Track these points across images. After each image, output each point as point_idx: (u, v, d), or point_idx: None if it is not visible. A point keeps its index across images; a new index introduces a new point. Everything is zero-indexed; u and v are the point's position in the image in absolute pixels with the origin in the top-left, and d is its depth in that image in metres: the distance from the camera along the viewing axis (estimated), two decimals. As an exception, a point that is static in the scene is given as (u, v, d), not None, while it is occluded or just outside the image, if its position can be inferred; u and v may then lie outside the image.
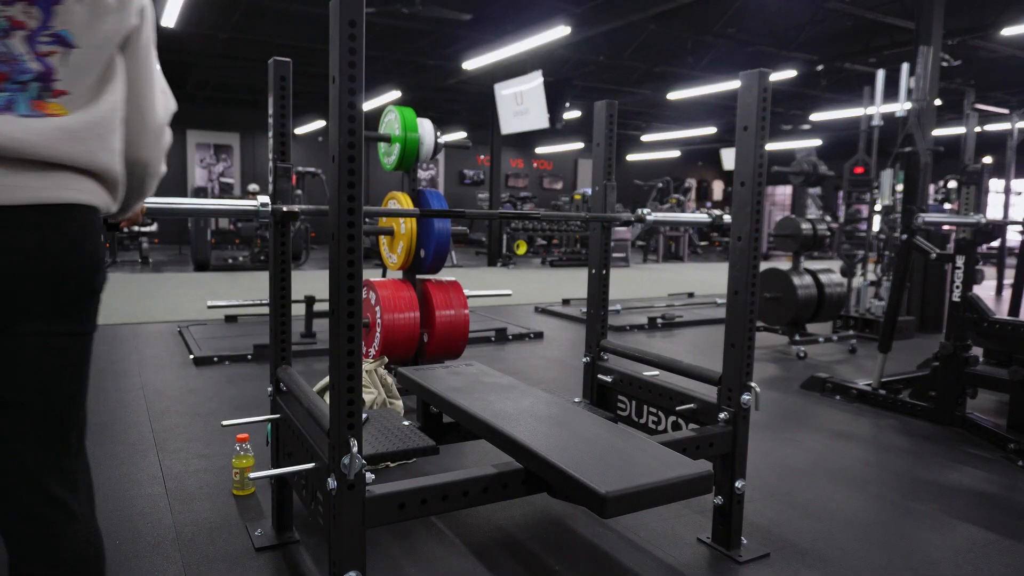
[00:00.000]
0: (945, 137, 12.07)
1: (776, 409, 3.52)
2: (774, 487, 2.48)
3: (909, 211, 3.43)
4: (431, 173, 18.37)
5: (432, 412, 2.33)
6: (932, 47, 5.62)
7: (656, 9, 8.18)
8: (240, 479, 2.30)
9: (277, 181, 1.88)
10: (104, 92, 1.10)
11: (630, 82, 13.09)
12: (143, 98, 1.19)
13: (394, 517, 1.50)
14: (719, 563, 1.93)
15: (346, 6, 1.26)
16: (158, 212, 1.69)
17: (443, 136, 3.24)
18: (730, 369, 1.94)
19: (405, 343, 3.16)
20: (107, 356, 4.29)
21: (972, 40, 9.19)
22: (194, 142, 15.87)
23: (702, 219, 2.54)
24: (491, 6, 8.88)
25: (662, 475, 1.48)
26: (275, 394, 1.98)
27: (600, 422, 1.84)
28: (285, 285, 1.96)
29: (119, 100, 1.12)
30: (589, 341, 2.52)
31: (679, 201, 14.19)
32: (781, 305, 4.97)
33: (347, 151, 1.30)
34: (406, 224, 3.20)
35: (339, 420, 1.36)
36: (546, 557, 1.96)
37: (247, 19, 9.60)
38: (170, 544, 1.96)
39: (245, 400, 3.45)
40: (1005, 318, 3.19)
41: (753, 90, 1.83)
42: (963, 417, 3.16)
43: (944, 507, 2.36)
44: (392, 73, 12.37)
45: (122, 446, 2.75)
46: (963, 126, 6.58)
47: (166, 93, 1.28)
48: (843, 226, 6.21)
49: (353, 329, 1.35)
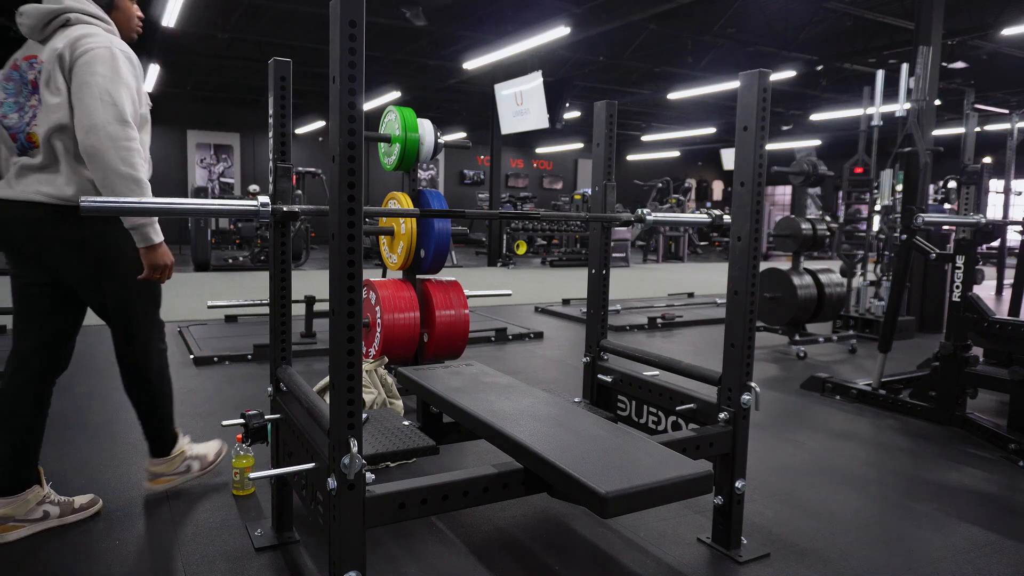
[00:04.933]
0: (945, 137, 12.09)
1: (776, 409, 3.52)
2: (774, 487, 2.49)
3: (909, 211, 3.43)
4: (431, 173, 18.37)
5: (432, 412, 2.33)
6: (932, 47, 5.62)
7: (656, 9, 8.19)
8: (240, 479, 2.30)
9: (277, 181, 1.88)
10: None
11: (630, 82, 13.09)
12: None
13: (394, 517, 1.50)
14: (719, 563, 1.93)
15: (346, 6, 1.26)
16: (158, 212, 1.69)
17: (443, 136, 3.24)
18: (730, 369, 1.94)
19: (405, 343, 3.16)
20: (107, 356, 4.27)
21: (972, 40, 9.19)
22: (194, 142, 15.88)
23: (702, 219, 2.53)
24: (491, 6, 8.88)
25: (662, 475, 1.48)
26: (275, 394, 1.98)
27: (600, 422, 1.84)
28: (285, 285, 1.96)
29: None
30: (589, 341, 2.52)
31: (679, 201, 14.19)
32: (781, 305, 4.98)
33: (347, 151, 1.30)
34: (406, 224, 3.20)
35: (339, 420, 1.37)
36: (546, 557, 1.96)
37: (247, 19, 9.61)
38: (170, 544, 1.96)
39: (245, 400, 3.44)
40: (1005, 318, 3.19)
41: (753, 90, 1.83)
42: (963, 417, 3.16)
43: (944, 507, 2.36)
44: (392, 73, 12.37)
45: (122, 446, 2.75)
46: (963, 126, 6.59)
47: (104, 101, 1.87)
48: (843, 226, 6.21)
49: (353, 329, 1.35)
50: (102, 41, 1.93)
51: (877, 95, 5.69)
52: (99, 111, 1.86)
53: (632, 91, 13.55)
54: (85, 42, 1.91)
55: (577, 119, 15.44)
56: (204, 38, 10.20)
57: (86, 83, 1.88)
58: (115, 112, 1.88)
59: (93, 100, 1.87)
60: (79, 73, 1.88)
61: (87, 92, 1.87)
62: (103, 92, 1.87)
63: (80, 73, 1.88)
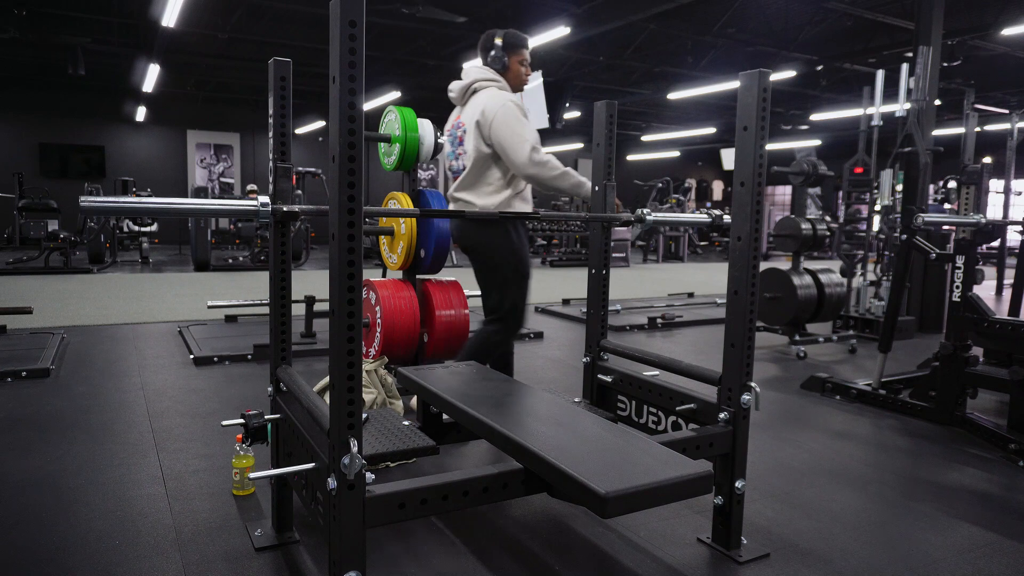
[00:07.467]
0: (945, 137, 12.09)
1: (776, 409, 3.52)
2: (774, 487, 2.49)
3: (909, 211, 3.43)
4: (431, 173, 18.37)
5: (432, 412, 2.33)
6: (932, 47, 5.62)
7: (656, 9, 8.19)
8: (240, 479, 2.30)
9: (277, 181, 1.88)
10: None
11: (630, 82, 13.09)
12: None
13: (394, 517, 1.50)
14: (719, 563, 1.93)
15: (346, 6, 1.26)
16: (158, 212, 1.69)
17: (443, 136, 3.24)
18: (730, 369, 1.94)
19: (405, 343, 3.16)
20: (107, 356, 4.30)
21: (972, 40, 9.19)
22: (194, 142, 15.88)
23: (702, 219, 2.53)
24: (491, 6, 8.88)
25: (662, 475, 1.48)
26: (275, 394, 1.98)
27: (600, 422, 1.84)
28: (285, 285, 1.96)
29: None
30: (589, 341, 2.52)
31: (679, 201, 14.18)
32: (781, 305, 4.98)
33: (347, 151, 1.30)
34: (406, 224, 3.20)
35: (339, 420, 1.37)
36: (546, 557, 1.96)
37: (247, 19, 9.61)
38: (170, 544, 1.96)
39: (245, 400, 3.45)
40: (1005, 318, 3.19)
41: (753, 90, 1.83)
42: (963, 417, 3.16)
43: (944, 507, 2.36)
44: (392, 73, 12.37)
45: (122, 446, 2.75)
46: (963, 126, 6.59)
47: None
48: (843, 226, 6.21)
49: (353, 329, 1.35)
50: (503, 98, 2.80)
51: (877, 95, 5.69)
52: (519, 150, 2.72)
53: (632, 91, 13.55)
54: (491, 104, 2.77)
55: (577, 119, 15.43)
56: (204, 38, 10.21)
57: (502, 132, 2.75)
58: (529, 146, 2.73)
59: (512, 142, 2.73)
60: (496, 127, 2.75)
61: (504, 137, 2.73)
62: (516, 135, 2.72)
63: (496, 127, 2.75)
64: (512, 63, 2.91)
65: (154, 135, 15.62)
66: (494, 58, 2.89)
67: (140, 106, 14.47)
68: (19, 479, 2.39)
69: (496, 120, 2.72)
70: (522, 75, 2.95)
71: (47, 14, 9.21)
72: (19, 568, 1.82)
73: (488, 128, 2.75)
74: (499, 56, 2.89)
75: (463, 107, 2.93)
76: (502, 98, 2.77)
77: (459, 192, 2.92)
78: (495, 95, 2.80)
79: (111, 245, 10.32)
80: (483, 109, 2.76)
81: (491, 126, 2.73)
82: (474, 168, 2.84)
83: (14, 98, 14.17)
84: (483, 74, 2.88)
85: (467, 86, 2.90)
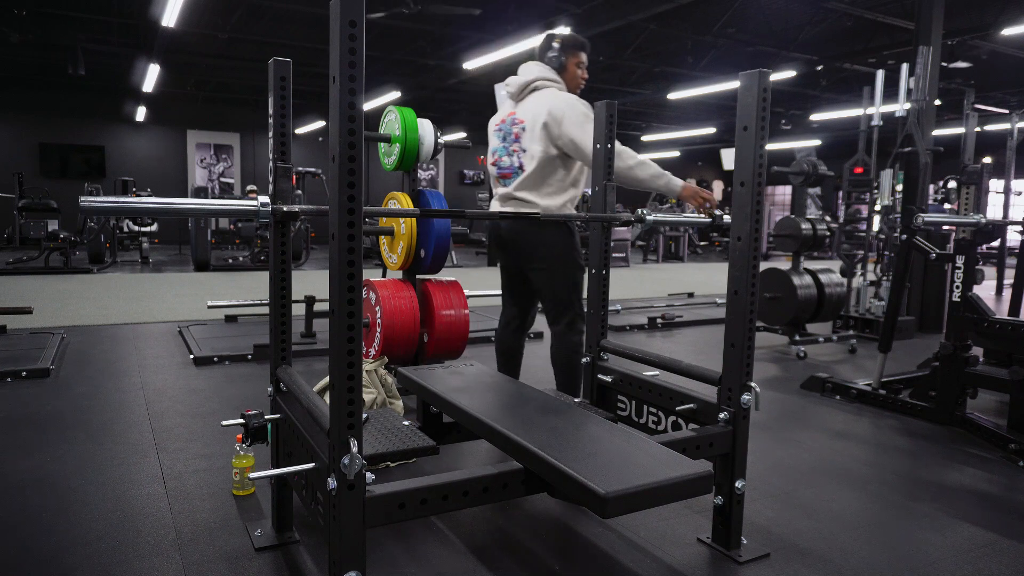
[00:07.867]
0: (945, 137, 12.09)
1: (776, 409, 3.52)
2: (774, 487, 2.49)
3: (909, 211, 3.43)
4: (431, 173, 18.37)
5: (432, 412, 2.33)
6: (932, 47, 5.62)
7: (656, 9, 8.20)
8: (240, 479, 2.30)
9: (277, 181, 1.88)
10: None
11: (630, 82, 13.09)
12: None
13: (394, 517, 1.50)
14: (719, 563, 1.93)
15: (346, 6, 1.26)
16: (158, 212, 1.69)
17: (443, 136, 3.24)
18: (730, 369, 1.94)
19: (405, 343, 3.16)
20: (107, 356, 4.30)
21: (972, 40, 9.19)
22: (194, 142, 15.88)
23: (702, 219, 2.54)
24: (491, 6, 8.88)
25: (662, 475, 1.48)
26: (275, 394, 1.98)
27: (600, 422, 1.84)
28: (285, 285, 1.96)
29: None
30: (589, 341, 2.52)
31: (679, 201, 14.17)
32: (781, 305, 4.98)
33: (347, 151, 1.30)
34: (406, 224, 3.20)
35: (339, 420, 1.37)
36: (546, 557, 1.96)
37: (247, 19, 9.61)
38: (170, 544, 1.96)
39: (245, 400, 3.45)
40: (1005, 318, 3.19)
41: (753, 90, 1.83)
42: (963, 417, 3.16)
43: (944, 507, 2.36)
44: (392, 73, 12.37)
45: (122, 446, 2.75)
46: (963, 126, 6.59)
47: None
48: (843, 226, 6.21)
49: (353, 329, 1.35)
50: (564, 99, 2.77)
51: (877, 95, 5.69)
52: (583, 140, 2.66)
53: (632, 91, 13.55)
54: (557, 103, 2.73)
55: (577, 119, 15.40)
56: (204, 38, 10.21)
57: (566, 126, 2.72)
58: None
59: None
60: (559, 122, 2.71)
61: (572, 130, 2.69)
62: (589, 133, 2.60)
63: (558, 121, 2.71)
64: (569, 64, 2.90)
65: (154, 135, 15.63)
66: (552, 57, 2.88)
67: (140, 106, 14.48)
68: (19, 479, 2.39)
69: (567, 119, 2.68)
70: (578, 77, 2.93)
71: (47, 14, 9.21)
72: (19, 568, 1.82)
73: (559, 127, 2.68)
74: (557, 56, 2.88)
75: (518, 103, 2.89)
76: (567, 98, 2.76)
77: (520, 192, 2.81)
78: (558, 95, 2.77)
79: (111, 245, 10.31)
80: (549, 109, 2.71)
81: (561, 125, 2.68)
82: (539, 169, 2.76)
83: (14, 98, 14.17)
84: (544, 73, 2.86)
85: (527, 83, 2.86)
